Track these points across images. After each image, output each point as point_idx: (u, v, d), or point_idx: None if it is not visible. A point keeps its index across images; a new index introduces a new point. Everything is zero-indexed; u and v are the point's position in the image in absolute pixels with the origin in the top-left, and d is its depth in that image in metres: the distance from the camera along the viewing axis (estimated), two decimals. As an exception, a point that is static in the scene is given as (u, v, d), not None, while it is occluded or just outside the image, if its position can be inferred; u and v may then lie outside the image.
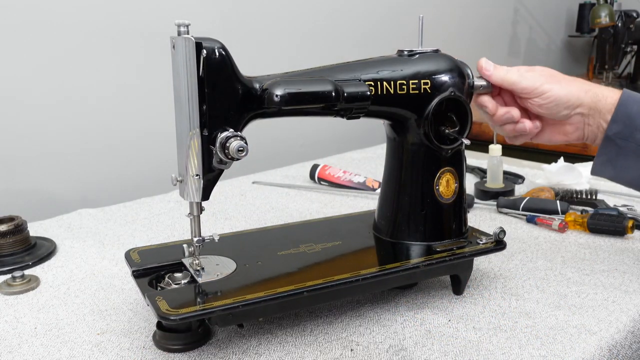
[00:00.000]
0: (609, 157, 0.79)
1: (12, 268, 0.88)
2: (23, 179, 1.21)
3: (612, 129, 0.78)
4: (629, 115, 0.76)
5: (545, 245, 0.96)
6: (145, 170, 1.39)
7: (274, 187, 1.31)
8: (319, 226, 0.88)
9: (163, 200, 1.21)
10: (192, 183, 0.66)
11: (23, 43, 1.17)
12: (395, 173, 0.80)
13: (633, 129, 0.76)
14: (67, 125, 1.25)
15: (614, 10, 2.27)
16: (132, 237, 1.02)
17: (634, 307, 0.76)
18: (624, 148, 0.77)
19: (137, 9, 1.31)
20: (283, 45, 1.63)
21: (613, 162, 0.79)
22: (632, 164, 0.77)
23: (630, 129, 0.77)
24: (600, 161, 0.80)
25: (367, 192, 1.24)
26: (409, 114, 0.76)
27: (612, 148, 0.78)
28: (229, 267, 0.72)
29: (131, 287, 0.83)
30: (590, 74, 2.59)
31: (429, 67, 0.76)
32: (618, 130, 0.77)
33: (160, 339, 0.68)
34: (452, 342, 0.69)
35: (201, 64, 0.62)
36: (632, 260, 0.90)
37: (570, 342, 0.68)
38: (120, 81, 1.32)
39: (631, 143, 0.77)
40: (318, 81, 0.70)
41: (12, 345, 0.69)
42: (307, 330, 0.72)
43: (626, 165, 0.78)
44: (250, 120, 0.68)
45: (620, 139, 0.77)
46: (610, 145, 0.78)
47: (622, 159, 0.78)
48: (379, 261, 0.77)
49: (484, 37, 2.41)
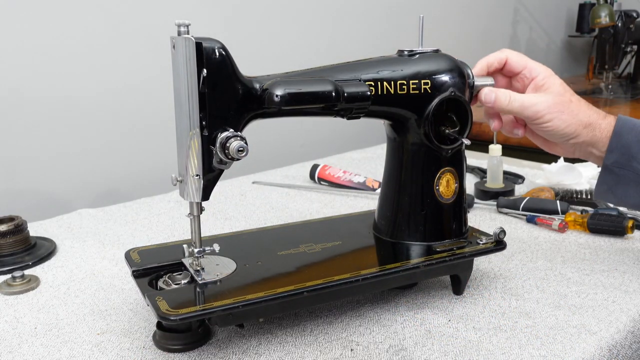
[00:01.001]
0: (609, 186, 0.80)
1: (12, 268, 0.88)
2: (23, 179, 1.21)
3: (609, 159, 0.79)
4: (624, 145, 0.78)
5: (545, 245, 0.96)
6: (145, 170, 1.39)
7: (274, 187, 1.31)
8: (319, 226, 0.88)
9: (163, 200, 1.21)
10: (192, 183, 0.66)
11: (23, 43, 1.17)
12: (396, 173, 0.80)
13: (629, 158, 0.77)
14: (67, 125, 1.25)
15: (614, 10, 2.26)
16: (132, 237, 1.02)
17: (634, 307, 0.76)
18: (622, 176, 0.79)
19: (137, 9, 1.31)
20: (283, 45, 1.63)
21: (613, 189, 0.80)
22: (632, 192, 0.79)
23: (626, 158, 0.78)
24: (602, 190, 0.81)
25: (367, 192, 1.24)
26: (409, 114, 0.76)
27: (611, 177, 0.80)
28: (229, 267, 0.72)
29: (131, 287, 0.83)
30: (590, 74, 2.58)
31: (429, 67, 0.76)
32: (615, 159, 0.78)
33: (160, 339, 0.68)
34: (452, 342, 0.69)
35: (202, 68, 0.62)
36: (632, 260, 0.90)
37: (570, 342, 0.68)
38: (120, 81, 1.32)
39: (629, 172, 0.78)
40: (318, 81, 0.70)
41: (12, 345, 0.69)
42: (307, 330, 0.72)
43: (626, 193, 0.79)
44: (250, 120, 0.68)
45: (618, 167, 0.78)
46: (609, 174, 0.80)
47: (622, 187, 0.79)
48: (379, 261, 0.77)
49: (484, 37, 2.41)
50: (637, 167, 0.77)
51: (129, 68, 1.32)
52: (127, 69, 1.32)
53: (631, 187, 0.78)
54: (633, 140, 0.77)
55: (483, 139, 1.63)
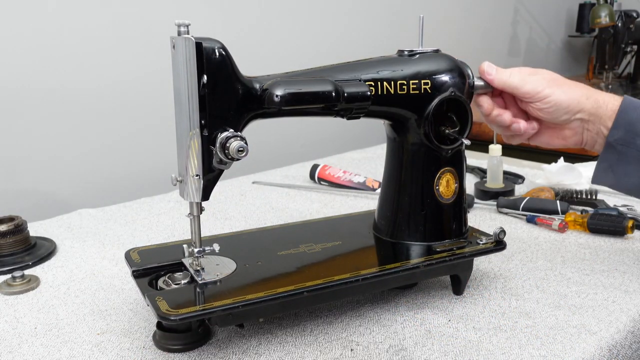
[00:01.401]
0: (610, 164, 0.79)
1: (12, 268, 0.88)
2: (23, 179, 1.21)
3: (613, 135, 0.78)
4: (630, 122, 0.77)
5: (545, 245, 0.96)
6: (145, 170, 1.39)
7: (274, 187, 1.31)
8: (319, 226, 0.88)
9: (163, 200, 1.21)
10: (192, 183, 0.66)
11: (23, 43, 1.17)
12: (396, 173, 0.80)
13: (634, 135, 0.77)
14: (67, 125, 1.25)
15: (614, 10, 2.27)
16: (132, 237, 1.02)
17: (634, 307, 0.76)
18: (624, 154, 0.78)
19: (137, 9, 1.31)
20: (283, 45, 1.63)
21: (614, 168, 0.79)
22: (632, 171, 0.78)
23: (631, 135, 0.77)
24: (602, 167, 0.80)
25: (367, 192, 1.24)
26: (409, 114, 0.76)
27: (613, 154, 0.79)
28: (229, 267, 0.72)
29: (131, 287, 0.83)
30: (590, 74, 2.59)
31: (429, 67, 0.76)
32: (619, 136, 0.77)
33: (160, 339, 0.68)
34: (452, 342, 0.69)
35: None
36: (632, 260, 0.90)
37: (570, 342, 0.68)
38: (120, 81, 1.32)
39: (632, 149, 0.77)
40: (318, 81, 0.70)
41: (12, 345, 0.69)
42: (307, 330, 0.72)
43: (627, 172, 0.78)
44: (250, 120, 0.68)
45: (621, 145, 0.77)
46: (611, 152, 0.79)
47: (623, 165, 0.78)
48: (379, 261, 0.77)
49: (484, 37, 2.41)
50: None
51: (129, 68, 1.32)
52: (128, 69, 1.32)
53: (632, 165, 0.77)
54: (638, 118, 0.76)
55: (483, 139, 1.63)
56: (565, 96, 0.78)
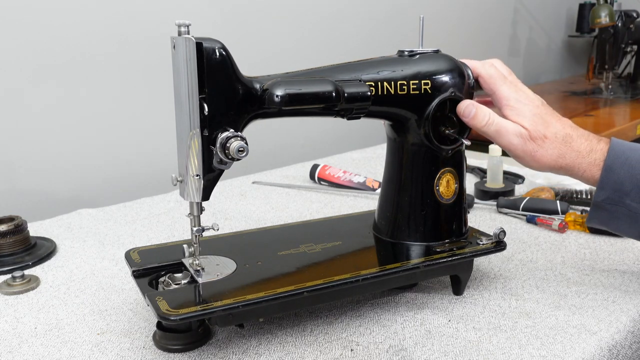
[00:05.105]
0: (601, 221, 0.76)
1: (12, 268, 0.88)
2: (23, 179, 1.21)
3: (600, 196, 0.73)
4: (617, 181, 0.72)
5: (545, 245, 0.96)
6: (145, 170, 1.39)
7: (274, 187, 1.31)
8: (319, 226, 0.88)
9: (163, 200, 1.21)
10: (192, 183, 0.66)
11: (23, 43, 1.17)
12: (396, 173, 0.80)
13: (622, 195, 0.72)
14: (67, 125, 1.25)
15: (614, 10, 2.27)
16: (132, 237, 1.02)
17: (634, 307, 0.76)
18: (615, 212, 0.74)
19: (137, 9, 1.31)
20: (283, 45, 1.63)
21: (606, 224, 0.76)
22: (625, 227, 0.74)
23: (619, 195, 0.72)
24: (593, 223, 0.77)
25: (367, 192, 1.24)
26: (409, 114, 0.76)
27: (603, 213, 0.75)
28: (229, 267, 0.72)
29: (131, 287, 0.83)
30: (590, 74, 2.59)
31: (430, 67, 0.76)
32: (606, 196, 0.73)
33: (160, 339, 0.68)
34: (452, 342, 0.69)
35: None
36: (632, 260, 0.90)
37: (570, 342, 0.68)
38: (120, 81, 1.32)
39: (622, 208, 0.73)
40: (318, 81, 0.70)
41: (12, 345, 0.69)
42: (307, 330, 0.72)
43: (620, 228, 0.75)
44: (250, 120, 0.68)
45: (610, 204, 0.73)
46: (601, 211, 0.75)
47: (615, 222, 0.75)
48: (379, 261, 0.77)
49: (484, 37, 2.41)
50: (630, 205, 0.72)
51: (129, 68, 1.32)
52: (128, 69, 1.32)
53: (624, 222, 0.73)
54: (625, 176, 0.72)
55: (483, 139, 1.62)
56: (536, 164, 0.74)
